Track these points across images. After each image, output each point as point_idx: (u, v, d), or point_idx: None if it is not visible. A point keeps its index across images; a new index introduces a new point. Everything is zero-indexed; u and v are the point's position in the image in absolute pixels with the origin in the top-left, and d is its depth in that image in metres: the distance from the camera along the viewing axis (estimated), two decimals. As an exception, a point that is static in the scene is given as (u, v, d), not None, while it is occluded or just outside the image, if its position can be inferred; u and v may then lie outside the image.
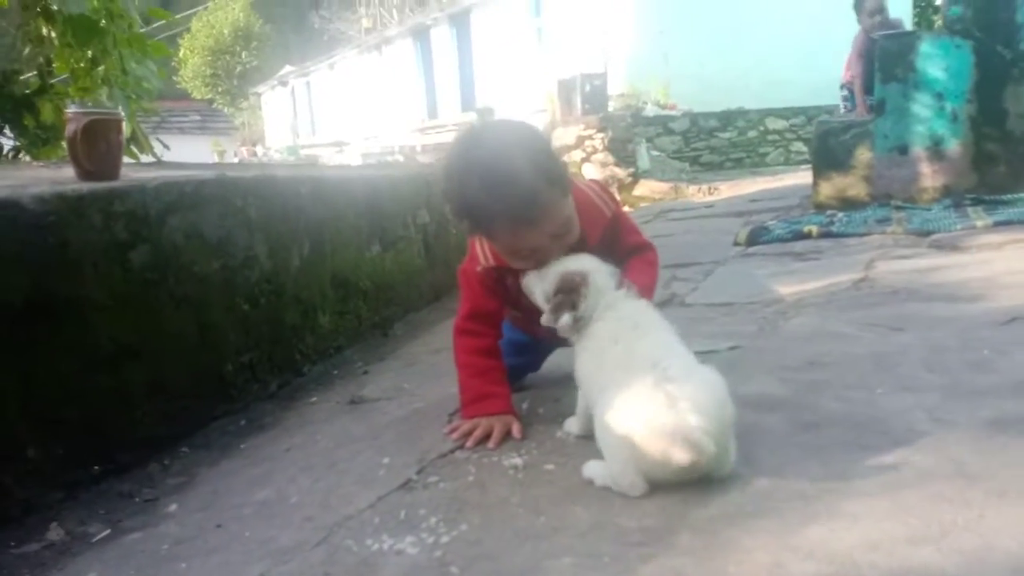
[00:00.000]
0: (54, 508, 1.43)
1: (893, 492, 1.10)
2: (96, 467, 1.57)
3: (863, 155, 4.62)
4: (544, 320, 1.43)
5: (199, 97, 29.89)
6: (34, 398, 1.43)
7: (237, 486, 1.52)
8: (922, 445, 1.25)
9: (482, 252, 1.58)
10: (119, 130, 1.87)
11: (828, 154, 4.79)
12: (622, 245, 1.66)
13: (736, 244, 4.13)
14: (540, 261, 1.46)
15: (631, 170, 9.82)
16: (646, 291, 1.55)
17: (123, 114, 1.92)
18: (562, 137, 10.56)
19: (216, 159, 22.63)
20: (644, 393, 1.16)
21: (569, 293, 1.39)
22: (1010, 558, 0.91)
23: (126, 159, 3.60)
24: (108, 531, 1.37)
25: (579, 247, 1.55)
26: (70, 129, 1.78)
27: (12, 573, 1.22)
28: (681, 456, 1.10)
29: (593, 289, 1.40)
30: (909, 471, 1.16)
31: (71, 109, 1.85)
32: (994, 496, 1.06)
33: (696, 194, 8.82)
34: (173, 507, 1.45)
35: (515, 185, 1.35)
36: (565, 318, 1.39)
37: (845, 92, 7.42)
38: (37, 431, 1.44)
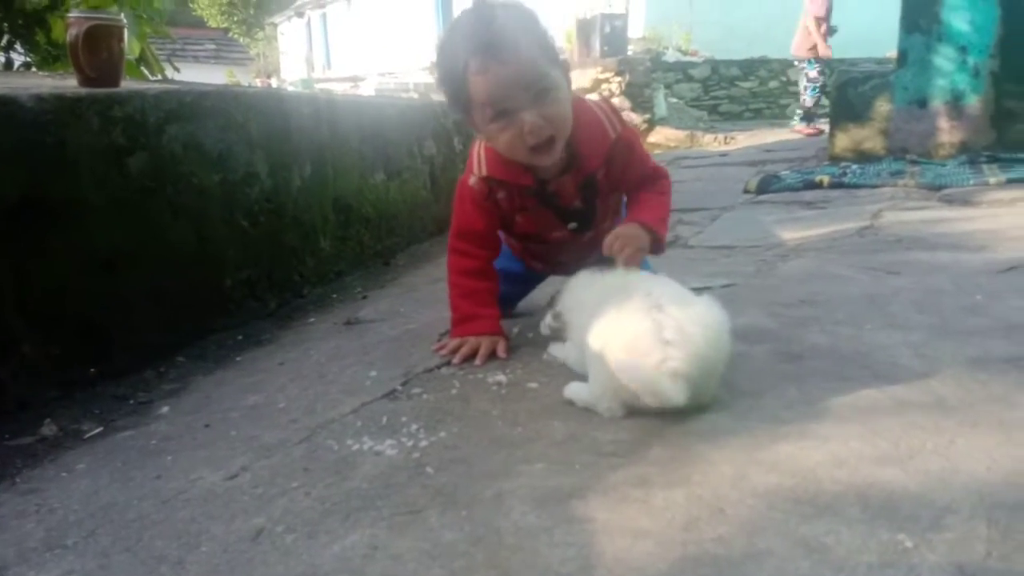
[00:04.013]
0: (49, 405, 1.46)
1: (867, 418, 1.11)
2: (92, 369, 1.60)
3: (882, 107, 4.54)
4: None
5: (215, 26, 29.49)
6: (30, 295, 1.45)
7: (229, 393, 1.54)
8: (903, 378, 1.25)
9: (477, 161, 1.56)
10: (120, 37, 1.84)
11: (846, 105, 4.71)
12: (633, 175, 1.60)
13: (746, 191, 4.10)
14: (526, 129, 1.36)
15: (647, 116, 9.68)
16: (659, 224, 1.54)
17: (124, 22, 1.87)
18: (578, 79, 10.37)
19: (230, 90, 22.41)
20: (631, 325, 1.14)
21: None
22: (974, 480, 0.92)
23: (135, 80, 3.57)
24: (100, 428, 1.40)
25: (580, 170, 1.52)
26: (71, 34, 1.75)
27: (6, 463, 1.26)
28: (654, 400, 1.11)
29: (568, 286, 1.52)
30: (886, 400, 1.17)
31: (73, 14, 1.82)
32: (967, 426, 1.07)
33: (712, 143, 8.71)
34: (165, 409, 1.48)
35: (489, 23, 1.34)
36: (547, 319, 1.53)
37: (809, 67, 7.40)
38: (33, 328, 1.46)
